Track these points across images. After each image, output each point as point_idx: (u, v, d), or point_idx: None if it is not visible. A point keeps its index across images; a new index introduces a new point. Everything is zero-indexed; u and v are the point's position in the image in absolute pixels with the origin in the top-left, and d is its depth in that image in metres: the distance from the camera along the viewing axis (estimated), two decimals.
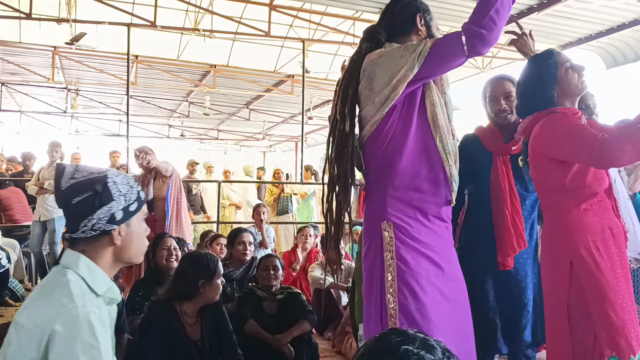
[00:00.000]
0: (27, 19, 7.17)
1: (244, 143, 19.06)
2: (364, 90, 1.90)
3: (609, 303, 1.88)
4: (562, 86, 2.04)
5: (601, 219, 1.97)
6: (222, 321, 2.70)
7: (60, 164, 1.35)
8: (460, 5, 6.44)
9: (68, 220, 1.32)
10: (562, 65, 2.05)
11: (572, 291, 1.95)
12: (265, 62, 10.04)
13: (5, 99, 12.15)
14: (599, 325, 1.88)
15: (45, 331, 1.15)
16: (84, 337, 1.15)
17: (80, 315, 1.17)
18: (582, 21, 6.68)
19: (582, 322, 1.93)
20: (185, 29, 8.46)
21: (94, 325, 1.17)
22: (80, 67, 10.13)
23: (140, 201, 1.39)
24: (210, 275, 2.60)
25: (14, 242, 5.51)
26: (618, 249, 1.96)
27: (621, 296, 1.89)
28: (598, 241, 1.93)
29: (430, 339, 0.95)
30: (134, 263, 1.42)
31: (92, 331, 1.16)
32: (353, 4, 6.83)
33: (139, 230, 1.39)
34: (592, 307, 1.90)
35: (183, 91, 12.14)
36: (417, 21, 1.94)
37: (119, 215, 1.31)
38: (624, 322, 1.87)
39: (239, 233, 3.97)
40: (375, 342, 0.99)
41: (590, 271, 1.91)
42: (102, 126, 15.61)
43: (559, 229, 2.02)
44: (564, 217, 2.01)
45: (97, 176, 1.32)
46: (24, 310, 1.24)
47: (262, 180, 10.19)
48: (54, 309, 1.18)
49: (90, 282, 1.28)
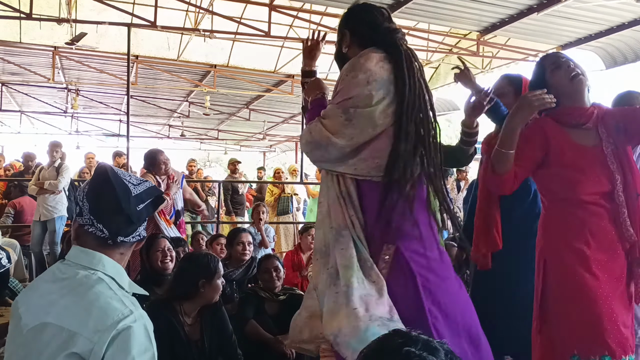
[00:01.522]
0: (27, 19, 7.16)
1: (244, 143, 19.05)
2: None
3: (574, 304, 1.89)
4: (555, 89, 2.00)
5: (583, 223, 1.94)
6: (222, 321, 2.71)
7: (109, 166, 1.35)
8: (461, 6, 6.44)
9: (123, 224, 1.29)
10: (548, 67, 2.05)
11: (543, 290, 1.99)
12: (265, 62, 10.04)
13: (5, 99, 12.14)
14: (563, 326, 1.91)
15: (103, 337, 1.14)
16: (140, 341, 1.16)
17: (137, 319, 1.18)
18: (582, 21, 6.68)
19: (549, 322, 1.97)
20: (185, 29, 8.46)
21: (148, 328, 1.19)
22: (81, 67, 10.13)
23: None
24: (210, 275, 2.60)
25: (14, 242, 5.51)
26: (597, 255, 1.91)
27: (590, 298, 1.87)
28: (574, 242, 1.93)
29: (433, 341, 0.95)
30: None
31: (147, 334, 1.18)
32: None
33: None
34: (557, 307, 1.94)
35: (183, 91, 12.14)
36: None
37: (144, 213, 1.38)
38: (589, 324, 1.86)
39: (238, 233, 3.97)
40: (378, 343, 0.99)
41: (558, 271, 1.94)
42: (102, 126, 15.60)
43: (540, 228, 2.09)
44: (545, 216, 2.08)
45: (152, 185, 1.39)
46: (59, 313, 1.19)
47: (264, 181, 10.20)
48: (109, 315, 1.17)
49: (120, 280, 1.28)
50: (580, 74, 2.00)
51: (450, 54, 8.86)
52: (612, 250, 1.94)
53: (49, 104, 12.85)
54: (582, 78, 2.00)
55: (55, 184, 5.80)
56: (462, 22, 7.22)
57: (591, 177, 1.95)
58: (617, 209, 1.94)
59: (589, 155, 1.97)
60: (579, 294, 1.89)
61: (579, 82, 2.00)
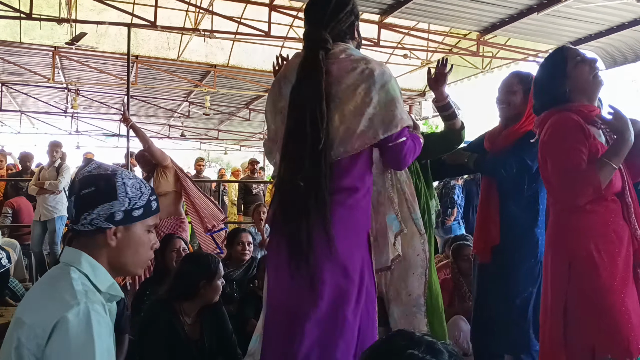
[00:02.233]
0: (27, 19, 7.16)
1: (244, 143, 19.05)
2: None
3: (607, 306, 1.86)
4: (573, 81, 2.00)
5: (606, 222, 1.93)
6: (221, 321, 2.71)
7: (89, 159, 1.36)
8: (461, 6, 6.44)
9: (74, 211, 1.31)
10: (572, 59, 2.03)
11: (569, 292, 1.93)
12: (265, 62, 10.04)
13: (5, 99, 12.14)
14: (596, 327, 1.87)
15: (45, 328, 1.15)
16: (80, 335, 1.14)
17: (81, 313, 1.16)
18: (582, 21, 6.67)
19: (579, 324, 1.91)
20: (185, 29, 8.46)
21: (92, 323, 1.16)
22: (81, 67, 10.13)
23: (149, 210, 1.35)
24: (210, 276, 2.60)
25: (14, 242, 5.51)
26: (622, 253, 1.91)
27: (620, 300, 1.87)
28: (600, 244, 1.90)
29: (437, 343, 0.94)
30: (130, 273, 1.38)
31: (89, 329, 1.15)
32: None
33: (140, 239, 1.34)
34: (589, 309, 1.88)
35: (183, 91, 12.14)
36: (355, 29, 1.98)
37: (118, 216, 1.29)
38: (621, 325, 1.85)
39: (238, 233, 3.96)
40: (381, 344, 0.98)
41: (589, 273, 1.89)
42: (102, 126, 15.60)
43: (561, 229, 2.01)
44: (566, 216, 1.99)
45: (107, 173, 1.32)
46: (26, 307, 1.24)
47: (264, 180, 10.19)
48: (56, 307, 1.18)
49: (94, 278, 1.27)
50: (600, 76, 2.02)
51: (450, 54, 8.85)
52: (628, 250, 1.94)
53: (49, 104, 12.85)
54: (602, 80, 2.02)
55: (56, 184, 5.80)
56: (462, 22, 7.21)
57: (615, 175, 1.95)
58: (627, 209, 1.95)
59: None
60: (609, 295, 1.87)
61: (599, 82, 2.02)
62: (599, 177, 1.86)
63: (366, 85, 1.80)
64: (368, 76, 1.80)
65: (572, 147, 1.91)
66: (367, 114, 1.79)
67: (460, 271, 3.53)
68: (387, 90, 1.81)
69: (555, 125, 1.99)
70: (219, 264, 2.68)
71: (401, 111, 1.82)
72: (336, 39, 1.91)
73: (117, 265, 1.33)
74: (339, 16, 1.92)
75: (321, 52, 1.84)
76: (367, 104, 1.79)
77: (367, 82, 1.80)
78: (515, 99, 2.59)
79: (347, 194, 1.83)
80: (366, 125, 1.79)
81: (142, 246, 1.35)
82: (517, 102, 2.58)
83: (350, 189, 1.83)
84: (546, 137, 2.00)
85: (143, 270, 1.40)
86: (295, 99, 1.84)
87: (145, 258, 1.38)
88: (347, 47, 1.90)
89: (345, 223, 1.81)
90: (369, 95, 1.79)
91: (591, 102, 2.03)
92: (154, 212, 1.37)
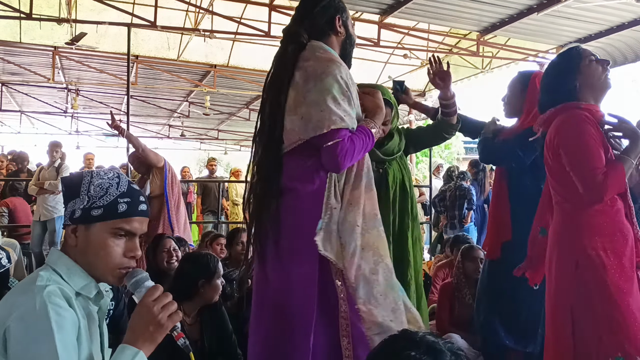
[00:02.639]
0: (27, 19, 7.15)
1: (244, 143, 19.03)
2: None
3: (615, 305, 1.85)
4: (584, 78, 2.02)
5: (612, 222, 1.93)
6: (221, 321, 2.70)
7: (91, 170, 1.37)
8: (461, 6, 6.44)
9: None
10: (586, 57, 2.05)
11: (577, 292, 1.92)
12: (265, 62, 10.00)
13: (5, 99, 12.13)
14: (605, 327, 1.86)
15: (5, 322, 1.14)
16: (37, 326, 1.13)
17: (37, 306, 1.15)
18: (581, 21, 6.68)
19: (587, 323, 1.90)
20: (185, 29, 8.45)
21: (50, 314, 1.14)
22: (81, 67, 10.12)
23: (112, 212, 1.28)
24: (209, 275, 2.60)
25: (14, 242, 5.51)
26: (627, 253, 1.92)
27: (628, 299, 1.87)
28: (607, 243, 1.90)
29: (438, 343, 0.93)
30: (101, 279, 1.31)
31: (46, 320, 1.14)
32: (353, 4, 6.83)
33: (101, 242, 1.27)
34: (598, 308, 1.88)
35: (183, 91, 12.13)
36: (336, 23, 1.96)
37: (77, 214, 1.28)
38: (630, 324, 1.85)
39: (238, 233, 3.96)
40: (382, 345, 0.98)
41: (597, 272, 1.89)
42: (102, 126, 15.58)
43: (568, 228, 2.00)
44: (573, 215, 1.98)
45: (80, 172, 1.35)
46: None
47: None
48: (15, 300, 1.18)
49: (67, 278, 1.26)
50: (609, 78, 2.05)
51: (450, 54, 8.85)
52: (632, 249, 1.94)
53: (49, 104, 12.84)
54: (610, 83, 2.05)
55: (55, 184, 5.81)
56: (462, 22, 7.21)
57: None
58: (630, 209, 1.96)
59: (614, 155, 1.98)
60: (618, 294, 1.87)
61: (608, 83, 2.05)
62: (624, 173, 1.88)
63: (303, 84, 1.82)
64: (309, 74, 1.82)
65: (594, 145, 1.91)
66: (299, 113, 1.81)
67: (464, 272, 3.52)
68: (320, 89, 1.78)
69: (570, 123, 1.97)
70: (218, 263, 2.68)
71: (331, 112, 1.75)
72: (315, 34, 1.94)
73: (84, 267, 1.29)
74: (314, 11, 1.94)
75: (291, 46, 1.89)
76: (300, 103, 1.81)
77: (306, 81, 1.82)
78: (513, 96, 2.67)
79: (289, 194, 1.85)
80: (296, 124, 1.81)
81: (104, 249, 1.27)
82: (515, 100, 2.65)
83: (290, 190, 1.85)
84: (560, 135, 1.98)
85: (113, 279, 1.31)
86: (263, 91, 1.96)
87: (111, 264, 1.28)
88: (319, 46, 1.91)
89: (289, 224, 1.84)
90: (303, 93, 1.81)
91: (597, 103, 2.05)
92: (123, 214, 1.29)
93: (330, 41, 1.96)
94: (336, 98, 1.77)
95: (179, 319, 1.28)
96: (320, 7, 1.94)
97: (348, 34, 2.00)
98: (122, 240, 1.30)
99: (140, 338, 1.21)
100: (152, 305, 1.24)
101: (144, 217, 1.35)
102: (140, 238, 1.36)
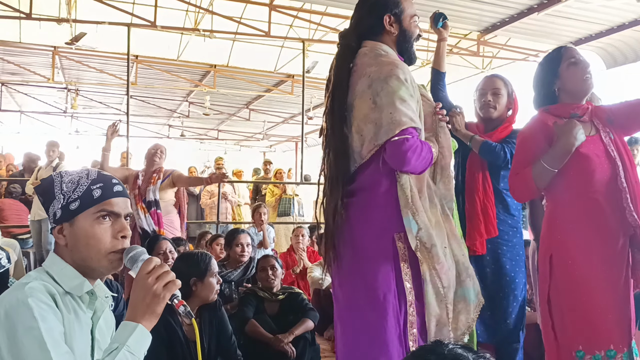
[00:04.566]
0: (27, 19, 7.16)
1: (244, 143, 19.04)
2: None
3: (581, 299, 1.92)
4: (563, 82, 2.06)
5: (585, 214, 1.97)
6: (221, 322, 2.70)
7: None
8: (461, 6, 6.43)
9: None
10: (566, 60, 2.07)
11: (551, 284, 2.01)
12: (265, 62, 10.03)
13: (5, 99, 12.14)
14: (572, 319, 1.94)
15: None
16: (23, 321, 1.13)
17: (19, 300, 1.15)
18: (582, 21, 6.67)
19: (560, 316, 1.98)
20: (185, 29, 8.45)
21: (32, 307, 1.14)
22: (80, 67, 10.12)
23: (88, 199, 1.28)
24: (201, 273, 2.58)
25: (14, 242, 5.50)
26: (600, 248, 1.95)
27: (596, 291, 1.91)
28: (576, 238, 1.96)
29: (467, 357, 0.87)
30: (97, 270, 1.30)
31: (30, 314, 1.14)
32: (353, 4, 6.79)
33: (88, 231, 1.27)
34: (567, 301, 1.95)
35: (183, 91, 12.13)
36: (385, 22, 1.94)
37: (58, 214, 1.29)
38: (595, 318, 1.90)
39: (236, 234, 3.95)
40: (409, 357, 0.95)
41: (565, 265, 1.96)
42: (102, 126, 15.58)
43: (545, 222, 2.10)
44: (548, 210, 2.10)
45: (50, 176, 1.35)
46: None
47: (263, 181, 10.18)
48: (2, 301, 1.18)
49: (58, 278, 1.27)
50: (591, 79, 2.06)
51: (450, 54, 8.84)
52: (614, 240, 1.96)
53: (49, 103, 12.86)
54: (592, 83, 2.06)
55: None
56: (462, 22, 7.20)
57: (596, 163, 1.99)
58: (619, 195, 1.97)
59: (590, 144, 2.00)
60: (584, 288, 1.92)
61: (589, 86, 2.06)
62: (532, 178, 2.00)
63: (371, 91, 1.83)
64: (373, 80, 1.83)
65: (524, 149, 2.08)
66: (372, 119, 1.82)
67: None
68: (388, 92, 1.80)
69: (523, 128, 2.18)
70: (210, 261, 2.66)
71: (401, 113, 1.78)
72: (368, 36, 1.96)
73: (79, 263, 1.29)
74: (361, 13, 1.98)
75: (343, 49, 1.96)
76: (371, 110, 1.83)
77: (372, 87, 1.83)
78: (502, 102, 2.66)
79: (362, 194, 1.89)
80: (372, 131, 1.83)
81: (93, 237, 1.27)
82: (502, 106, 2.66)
83: (363, 189, 1.89)
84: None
85: (112, 264, 1.31)
86: (326, 98, 1.99)
87: (103, 250, 1.28)
88: (377, 48, 1.93)
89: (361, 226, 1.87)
90: (373, 99, 1.83)
91: (575, 102, 2.08)
92: (99, 199, 1.29)
93: (384, 40, 1.96)
94: (404, 99, 1.80)
95: (175, 287, 1.27)
96: (368, 8, 1.96)
97: (401, 29, 1.97)
98: (108, 224, 1.30)
99: (139, 312, 1.21)
100: (147, 277, 1.23)
101: (123, 197, 1.34)
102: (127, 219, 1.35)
